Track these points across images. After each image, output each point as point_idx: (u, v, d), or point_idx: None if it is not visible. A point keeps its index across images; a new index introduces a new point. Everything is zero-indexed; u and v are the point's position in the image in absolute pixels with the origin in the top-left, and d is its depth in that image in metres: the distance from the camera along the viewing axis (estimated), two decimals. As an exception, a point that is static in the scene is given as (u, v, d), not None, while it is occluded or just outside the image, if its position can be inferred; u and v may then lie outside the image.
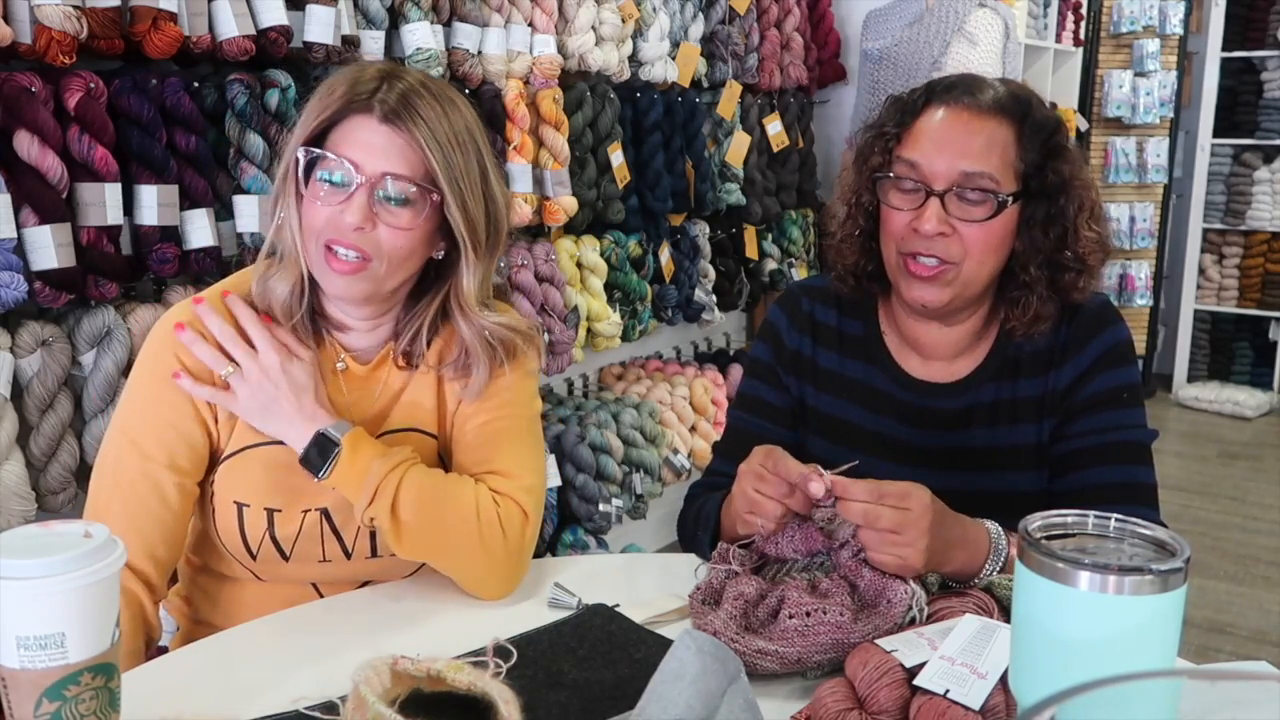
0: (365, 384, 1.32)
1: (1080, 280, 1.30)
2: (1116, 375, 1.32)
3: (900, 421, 1.36)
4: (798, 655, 1.03)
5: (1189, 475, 4.58)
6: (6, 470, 1.73)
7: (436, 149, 1.19)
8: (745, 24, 3.44)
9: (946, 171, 1.24)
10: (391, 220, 1.20)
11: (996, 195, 1.25)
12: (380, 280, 1.23)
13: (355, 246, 1.19)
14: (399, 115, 1.18)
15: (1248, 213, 5.49)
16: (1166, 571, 0.72)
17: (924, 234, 1.25)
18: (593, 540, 2.81)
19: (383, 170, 1.19)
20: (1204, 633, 3.15)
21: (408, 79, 1.22)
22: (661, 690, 0.78)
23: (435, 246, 1.27)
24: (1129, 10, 5.28)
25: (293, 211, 1.23)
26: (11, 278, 1.68)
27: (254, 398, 1.23)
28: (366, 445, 1.22)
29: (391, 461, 1.21)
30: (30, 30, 1.70)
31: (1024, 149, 1.27)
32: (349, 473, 1.21)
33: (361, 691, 0.75)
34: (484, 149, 1.26)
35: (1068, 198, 1.28)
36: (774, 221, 3.73)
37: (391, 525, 1.21)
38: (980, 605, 1.07)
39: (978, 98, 1.28)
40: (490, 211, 1.26)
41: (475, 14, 2.50)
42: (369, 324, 1.31)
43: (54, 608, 0.77)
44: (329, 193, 1.20)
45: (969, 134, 1.26)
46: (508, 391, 1.32)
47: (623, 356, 3.38)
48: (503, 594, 1.26)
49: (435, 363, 1.33)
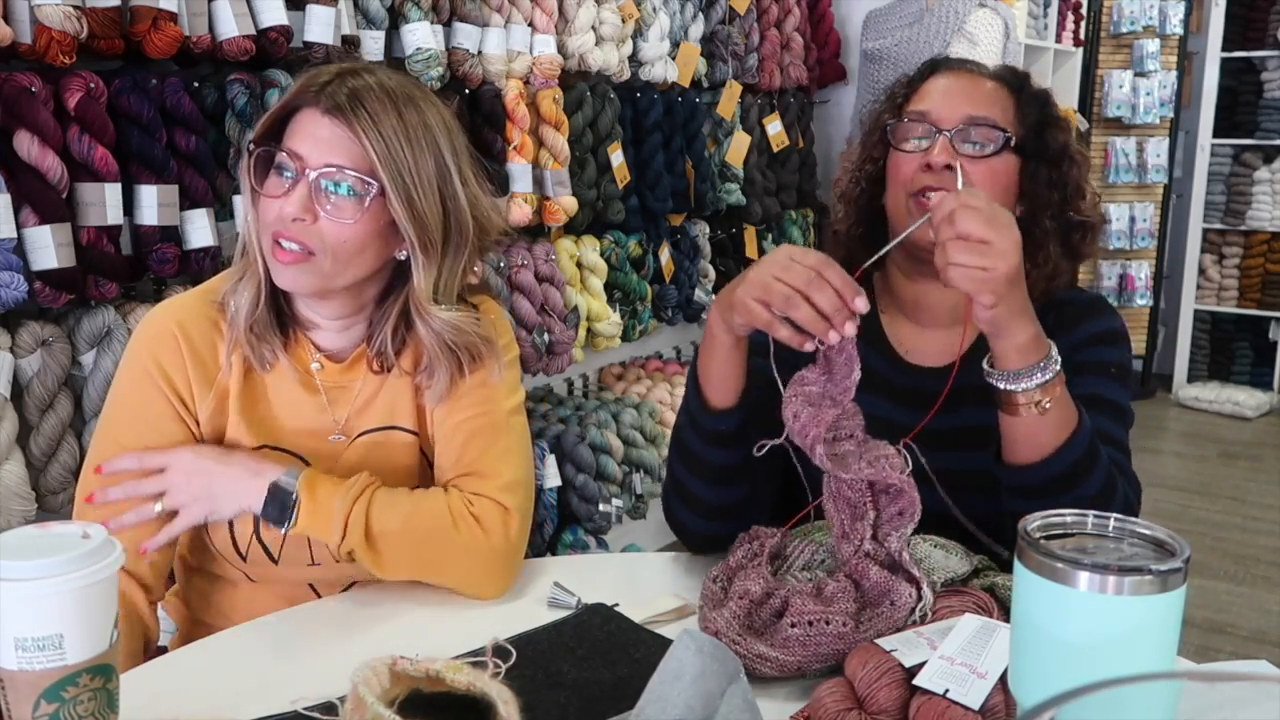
0: (341, 384, 1.31)
1: (1089, 237, 1.36)
2: (1106, 351, 1.34)
3: (896, 403, 1.36)
4: (798, 664, 1.03)
5: (1189, 475, 4.58)
6: (6, 470, 1.73)
7: (378, 141, 1.17)
8: (745, 24, 3.44)
9: (954, 115, 1.32)
10: (334, 213, 1.19)
11: (1003, 131, 1.31)
12: (327, 275, 1.21)
13: (296, 238, 1.19)
14: (342, 108, 1.18)
15: (1248, 213, 5.49)
16: (1166, 571, 0.72)
17: (934, 167, 1.29)
18: (593, 540, 2.81)
19: (324, 161, 1.18)
20: (1204, 633, 3.15)
21: (366, 78, 1.21)
22: (661, 690, 0.78)
23: (396, 246, 1.25)
24: (1129, 10, 5.29)
25: (250, 209, 1.24)
26: (11, 278, 1.68)
27: (196, 496, 1.21)
28: (323, 484, 1.21)
29: (353, 493, 1.20)
30: (30, 30, 1.70)
31: (1022, 114, 1.35)
32: (314, 517, 1.19)
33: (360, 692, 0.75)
34: (452, 149, 1.24)
35: (1069, 161, 1.35)
36: (774, 221, 3.73)
37: (370, 555, 1.20)
38: (980, 605, 1.07)
39: (979, 67, 1.40)
40: (449, 210, 1.24)
41: (475, 14, 2.50)
42: (339, 324, 1.30)
43: (52, 609, 0.77)
44: (275, 185, 1.20)
45: (974, 87, 1.35)
46: (482, 388, 1.31)
47: (623, 356, 3.38)
48: (500, 592, 1.25)
49: (410, 368, 1.32)
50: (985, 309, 1.09)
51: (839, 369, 1.12)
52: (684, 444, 1.29)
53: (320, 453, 1.31)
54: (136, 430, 1.24)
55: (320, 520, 1.20)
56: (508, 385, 1.34)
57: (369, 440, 1.31)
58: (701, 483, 1.29)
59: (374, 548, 1.20)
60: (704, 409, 1.25)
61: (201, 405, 1.26)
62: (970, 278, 1.07)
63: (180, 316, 1.28)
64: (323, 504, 1.20)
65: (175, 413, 1.25)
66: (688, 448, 1.29)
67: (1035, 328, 1.13)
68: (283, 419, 1.30)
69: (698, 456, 1.27)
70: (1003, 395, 1.15)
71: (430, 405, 1.31)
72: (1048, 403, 1.13)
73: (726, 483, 1.28)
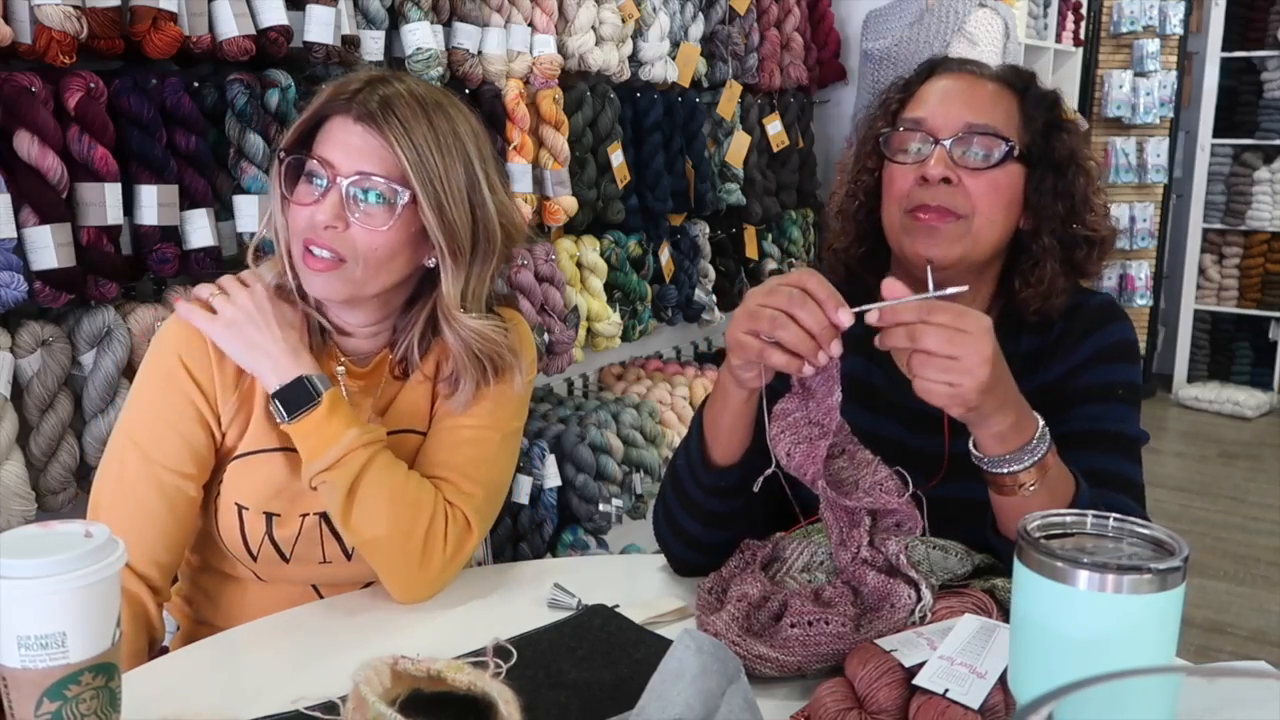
0: (363, 388, 1.32)
1: (1094, 254, 1.28)
2: (1114, 370, 1.27)
3: (898, 423, 1.33)
4: (798, 664, 1.03)
5: (1189, 475, 4.58)
6: (6, 470, 1.73)
7: (409, 148, 1.18)
8: (745, 24, 3.44)
9: (952, 123, 1.24)
10: (365, 220, 1.19)
11: (1005, 141, 1.24)
12: (359, 282, 1.22)
13: (329, 246, 1.19)
14: (373, 116, 1.18)
15: (1248, 213, 5.49)
16: (1165, 570, 0.73)
17: (930, 180, 1.23)
18: (593, 540, 2.81)
19: (356, 169, 1.18)
20: (1204, 633, 3.15)
21: (396, 85, 1.22)
22: (661, 689, 0.78)
23: (425, 253, 1.26)
24: (1129, 10, 5.29)
25: (280, 217, 1.24)
26: (11, 278, 1.68)
27: (238, 325, 1.21)
28: (344, 409, 1.21)
29: (366, 437, 1.20)
30: (30, 30, 1.70)
31: (1027, 117, 1.27)
32: (319, 429, 1.19)
33: (362, 691, 0.75)
34: (480, 157, 1.25)
35: (1076, 169, 1.27)
36: (774, 221, 3.73)
37: (344, 500, 1.19)
38: (979, 606, 1.07)
39: (981, 69, 1.32)
40: (478, 218, 1.24)
41: (475, 14, 2.50)
42: (367, 330, 1.31)
43: (55, 607, 0.77)
44: (307, 193, 1.21)
45: (974, 91, 1.27)
46: (489, 402, 1.31)
47: (623, 356, 3.38)
48: (421, 599, 1.24)
49: (432, 374, 1.32)
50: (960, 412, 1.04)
51: (819, 390, 1.09)
52: (681, 487, 1.26)
53: None
54: (156, 431, 1.24)
55: (322, 436, 1.19)
56: (517, 404, 1.34)
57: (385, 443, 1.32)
58: (696, 523, 1.26)
59: (352, 496, 1.19)
60: (706, 464, 1.21)
61: (225, 404, 1.26)
62: (937, 393, 1.01)
63: None
64: (335, 425, 1.19)
65: (197, 413, 1.25)
66: (685, 492, 1.26)
67: (1016, 413, 1.06)
68: None
69: (696, 503, 1.25)
70: (990, 476, 1.10)
71: (454, 411, 1.30)
72: (1032, 485, 1.07)
73: (722, 526, 1.25)
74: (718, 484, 1.22)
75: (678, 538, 1.29)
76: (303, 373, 1.21)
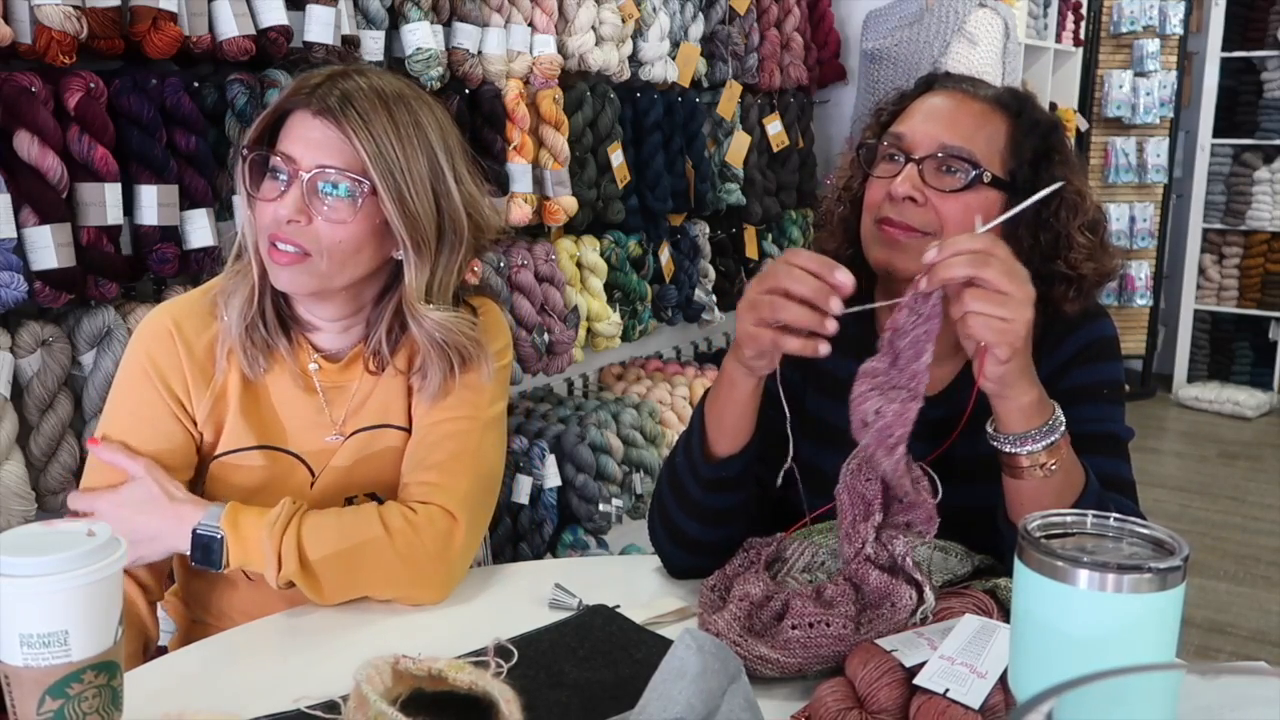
0: (338, 384, 1.32)
1: (1071, 292, 1.26)
2: (1096, 370, 1.27)
3: None
4: (799, 665, 1.03)
5: (1189, 475, 4.58)
6: (6, 470, 1.73)
7: (368, 139, 1.18)
8: (745, 24, 3.44)
9: (927, 142, 1.24)
10: (328, 214, 1.20)
11: (976, 166, 1.23)
12: (325, 276, 1.22)
13: (293, 240, 1.19)
14: (332, 110, 1.18)
15: (1248, 213, 5.49)
16: (1165, 570, 0.73)
17: (895, 196, 1.23)
18: (593, 540, 2.81)
19: (316, 163, 1.19)
20: (1204, 633, 3.15)
21: (356, 79, 1.22)
22: (662, 689, 0.78)
23: (392, 246, 1.26)
24: (1129, 10, 5.29)
25: (246, 213, 1.24)
26: (11, 278, 1.68)
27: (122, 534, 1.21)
28: (246, 519, 1.19)
29: (280, 524, 1.18)
30: (30, 30, 1.70)
31: (1016, 144, 1.26)
32: (245, 554, 1.18)
33: (363, 690, 0.75)
34: (445, 148, 1.25)
35: (1060, 203, 1.24)
36: (774, 221, 3.73)
37: (308, 581, 1.18)
38: (980, 606, 1.07)
39: (976, 89, 1.30)
40: (443, 209, 1.24)
41: (475, 14, 2.50)
42: (338, 325, 1.31)
43: (57, 606, 0.78)
44: (270, 189, 1.21)
45: (958, 113, 1.27)
46: (468, 390, 1.31)
47: (623, 356, 3.38)
48: (437, 599, 1.23)
49: (405, 367, 1.32)
50: (998, 363, 1.03)
51: (905, 354, 1.07)
52: (680, 486, 1.26)
53: (317, 452, 1.31)
54: (135, 429, 1.25)
55: (252, 555, 1.18)
56: (493, 391, 1.33)
57: (362, 438, 1.32)
58: (694, 523, 1.26)
59: (310, 574, 1.18)
60: (708, 457, 1.22)
61: (199, 405, 1.27)
62: (990, 327, 1.01)
63: (178, 316, 1.28)
64: (250, 539, 1.17)
65: (172, 412, 1.26)
66: (684, 491, 1.26)
67: (1039, 390, 1.08)
68: (281, 419, 1.30)
69: (694, 501, 1.25)
70: (1006, 458, 1.10)
71: (424, 404, 1.31)
72: (1053, 465, 1.08)
73: (720, 524, 1.25)
74: (718, 476, 1.22)
75: (674, 540, 1.29)
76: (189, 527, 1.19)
